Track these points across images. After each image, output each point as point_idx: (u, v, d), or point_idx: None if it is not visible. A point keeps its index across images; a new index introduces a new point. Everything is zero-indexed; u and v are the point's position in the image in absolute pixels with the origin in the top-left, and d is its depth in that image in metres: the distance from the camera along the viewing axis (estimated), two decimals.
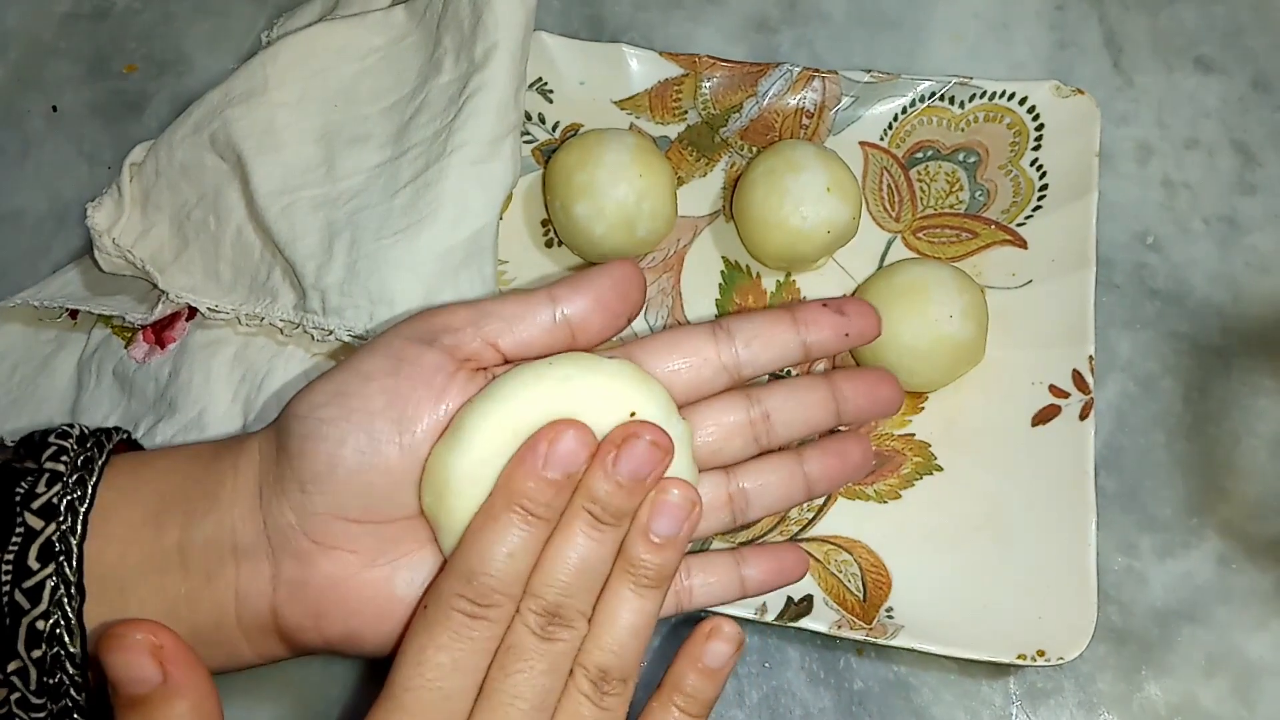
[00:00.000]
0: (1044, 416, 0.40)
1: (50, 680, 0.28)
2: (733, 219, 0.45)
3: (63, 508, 0.28)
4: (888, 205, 0.46)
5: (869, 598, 0.38)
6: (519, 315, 0.30)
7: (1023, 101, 0.45)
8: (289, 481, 0.29)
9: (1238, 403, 0.42)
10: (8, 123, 0.52)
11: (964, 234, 0.45)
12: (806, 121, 0.47)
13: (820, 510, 0.40)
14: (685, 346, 0.32)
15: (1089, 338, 0.41)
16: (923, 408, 0.42)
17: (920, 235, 0.45)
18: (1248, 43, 0.50)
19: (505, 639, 0.27)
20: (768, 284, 0.45)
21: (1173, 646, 0.38)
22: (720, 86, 0.47)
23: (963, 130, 0.46)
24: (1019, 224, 0.44)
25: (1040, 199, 0.44)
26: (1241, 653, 0.38)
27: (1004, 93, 0.45)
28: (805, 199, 0.41)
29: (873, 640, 0.36)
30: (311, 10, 0.48)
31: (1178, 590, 0.39)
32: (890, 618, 0.37)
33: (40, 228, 0.49)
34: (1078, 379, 0.40)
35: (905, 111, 0.46)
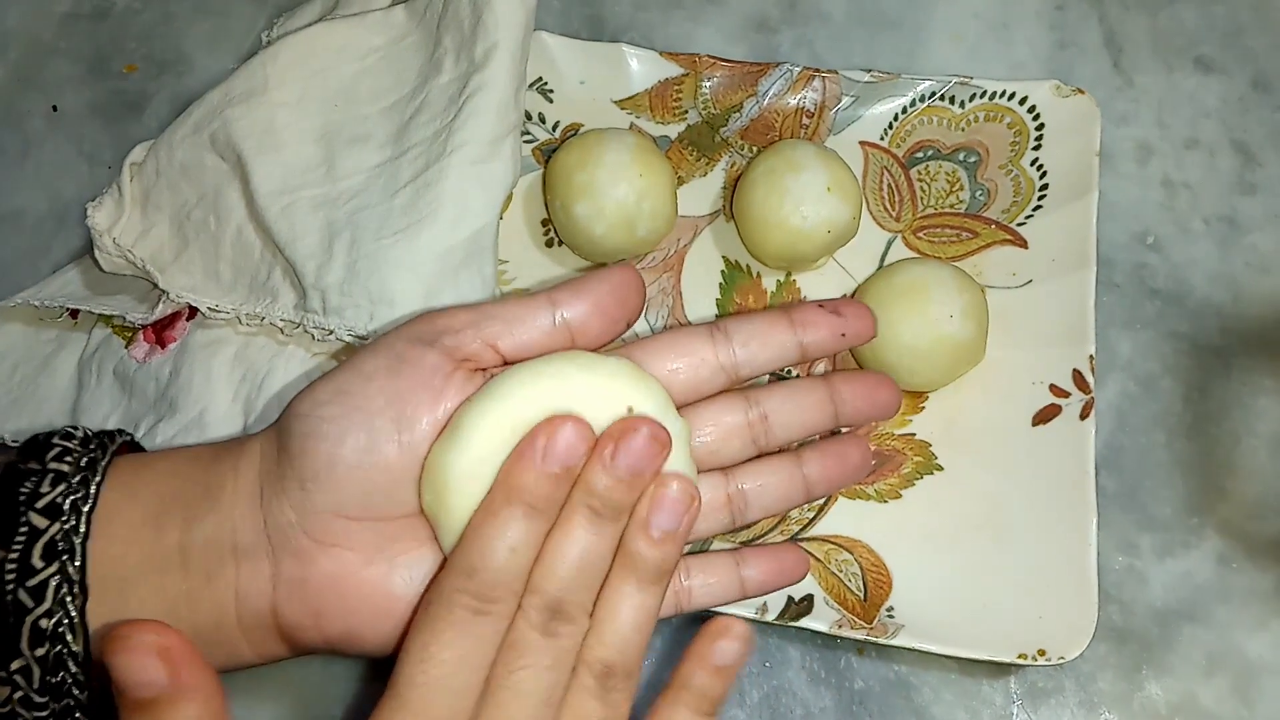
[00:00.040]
0: (1044, 416, 0.40)
1: (53, 679, 0.28)
2: (733, 219, 0.45)
3: (66, 507, 0.28)
4: (888, 205, 0.46)
5: (869, 597, 0.38)
6: (519, 318, 0.30)
7: (1023, 101, 0.45)
8: (289, 479, 0.29)
9: (1238, 402, 0.42)
10: (8, 123, 0.52)
11: (964, 234, 0.45)
12: (807, 121, 0.47)
13: (821, 510, 0.40)
14: (683, 347, 0.32)
15: (1089, 337, 0.41)
16: (923, 407, 0.42)
17: (920, 235, 0.45)
18: (1248, 43, 0.50)
19: (508, 635, 0.27)
20: (768, 284, 0.45)
21: (1173, 646, 0.39)
22: (720, 86, 0.47)
23: (963, 130, 0.46)
24: (1019, 224, 0.44)
25: (1040, 199, 0.44)
26: (1241, 652, 0.38)
27: (1004, 92, 0.45)
28: (805, 199, 0.41)
29: (873, 640, 0.36)
30: (311, 10, 0.48)
31: (1178, 590, 0.39)
32: (891, 617, 0.37)
33: (40, 227, 0.49)
34: (1078, 379, 0.40)
35: (905, 111, 0.46)
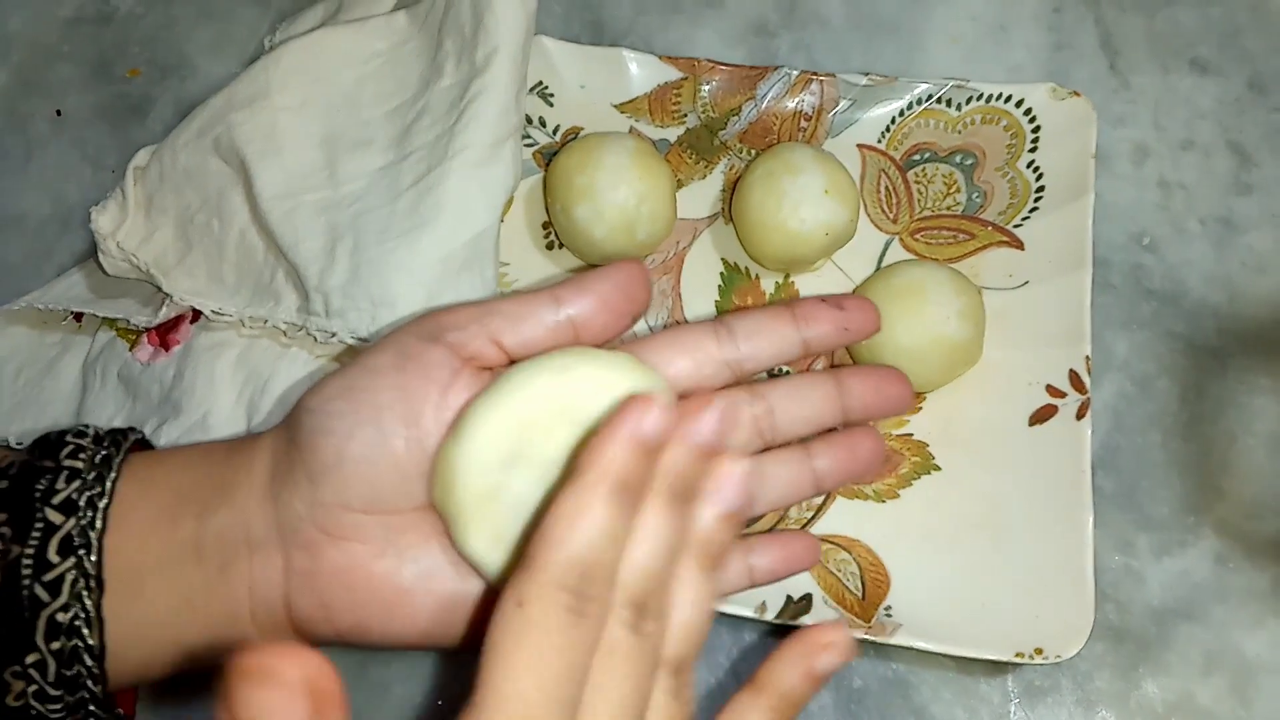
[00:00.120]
0: (1041, 416, 0.41)
1: (68, 672, 0.28)
2: (732, 221, 0.45)
3: (82, 503, 0.29)
4: (885, 207, 0.46)
5: (868, 596, 0.38)
6: (523, 314, 0.30)
7: (1019, 104, 0.45)
8: (299, 473, 0.29)
9: (1234, 402, 0.42)
10: (12, 127, 0.52)
11: (961, 235, 0.45)
12: (805, 124, 0.47)
13: (819, 510, 0.40)
14: (686, 343, 0.32)
15: (1086, 338, 0.41)
16: (921, 408, 0.42)
17: (918, 237, 0.45)
18: (1244, 44, 0.50)
19: (603, 638, 0.24)
20: (767, 286, 0.45)
21: (1170, 645, 0.39)
22: (719, 90, 0.48)
23: (960, 132, 0.46)
24: (1016, 225, 0.44)
25: (1037, 200, 0.44)
26: (1238, 651, 0.38)
27: (1001, 95, 0.46)
28: (803, 201, 0.41)
29: (872, 639, 0.37)
30: (314, 15, 0.48)
31: (1175, 589, 0.40)
32: (889, 616, 0.37)
33: (44, 231, 0.50)
34: (1074, 379, 0.40)
35: (903, 114, 0.47)
